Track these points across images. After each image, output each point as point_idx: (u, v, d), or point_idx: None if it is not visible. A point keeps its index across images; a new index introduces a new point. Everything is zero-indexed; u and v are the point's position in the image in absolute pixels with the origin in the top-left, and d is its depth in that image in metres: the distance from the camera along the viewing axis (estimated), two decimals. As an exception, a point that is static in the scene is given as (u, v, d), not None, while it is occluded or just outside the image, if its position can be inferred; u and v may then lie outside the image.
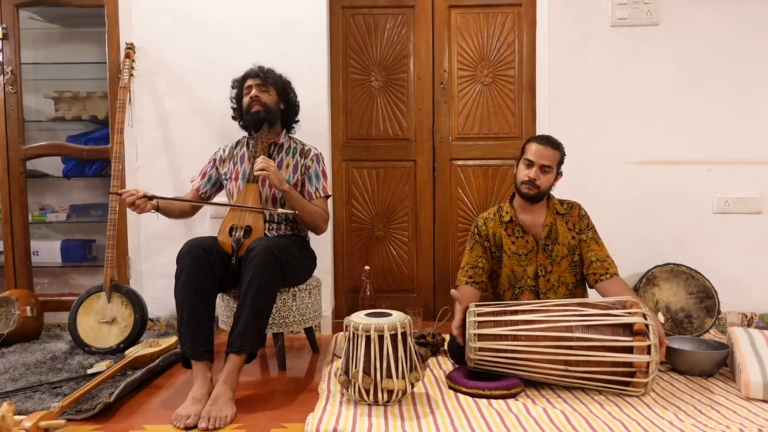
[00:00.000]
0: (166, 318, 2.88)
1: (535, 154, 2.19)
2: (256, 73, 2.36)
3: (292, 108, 2.46)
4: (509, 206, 2.32)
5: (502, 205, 2.35)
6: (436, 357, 2.37)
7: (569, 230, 2.26)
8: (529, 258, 2.26)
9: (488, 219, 2.33)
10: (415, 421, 1.70)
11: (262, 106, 2.32)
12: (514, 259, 2.27)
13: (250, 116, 2.33)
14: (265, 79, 2.35)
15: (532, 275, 2.26)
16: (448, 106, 3.00)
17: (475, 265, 2.31)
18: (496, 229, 2.30)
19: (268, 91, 2.35)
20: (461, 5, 2.97)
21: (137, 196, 2.11)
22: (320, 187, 2.38)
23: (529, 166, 2.20)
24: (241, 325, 1.93)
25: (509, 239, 2.28)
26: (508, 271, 2.29)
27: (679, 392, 1.94)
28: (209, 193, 2.46)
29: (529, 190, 2.20)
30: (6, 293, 2.66)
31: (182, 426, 1.71)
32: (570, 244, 2.25)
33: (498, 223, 2.31)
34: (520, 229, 2.27)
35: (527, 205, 2.27)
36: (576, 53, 2.80)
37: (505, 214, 2.30)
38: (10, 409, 1.56)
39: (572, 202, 2.31)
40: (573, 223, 2.27)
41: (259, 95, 2.33)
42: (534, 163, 2.19)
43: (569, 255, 2.26)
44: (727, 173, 2.79)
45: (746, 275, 2.80)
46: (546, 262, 2.25)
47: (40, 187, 3.12)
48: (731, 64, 2.77)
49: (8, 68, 2.83)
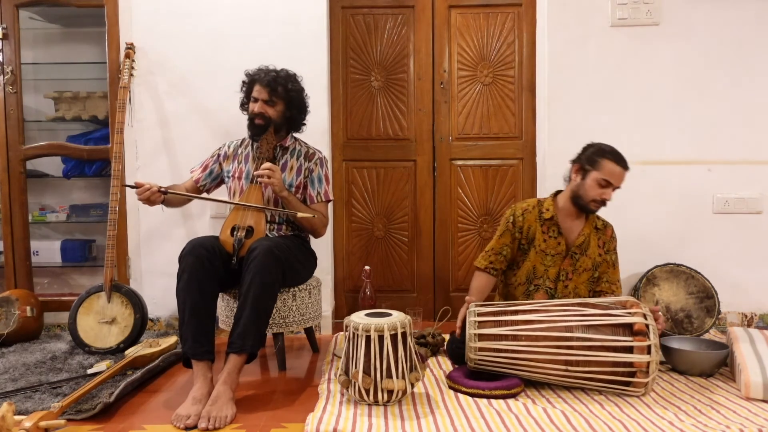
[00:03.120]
0: (166, 318, 2.88)
1: (617, 178, 2.14)
2: (266, 82, 2.28)
3: (300, 114, 2.41)
4: (551, 203, 2.27)
5: (542, 200, 2.31)
6: (436, 357, 2.37)
7: (599, 247, 2.27)
8: (555, 260, 2.24)
9: (527, 211, 2.28)
10: (415, 421, 1.70)
11: (265, 120, 2.29)
12: (541, 256, 2.25)
13: (253, 127, 2.32)
14: (274, 93, 2.28)
15: (553, 277, 2.25)
16: (448, 106, 3.00)
17: (500, 252, 2.28)
18: (533, 223, 2.26)
19: (274, 105, 2.30)
20: (461, 5, 2.97)
21: (152, 191, 2.13)
22: (322, 191, 2.38)
23: (605, 186, 2.14)
24: (241, 325, 1.93)
25: (542, 236, 2.25)
26: (530, 266, 2.27)
27: (679, 392, 1.94)
28: (208, 186, 2.46)
29: (597, 208, 2.19)
30: (6, 293, 2.66)
31: (182, 426, 1.71)
32: (595, 260, 2.26)
33: (536, 217, 2.26)
34: (556, 230, 2.24)
35: (575, 212, 2.24)
36: (576, 53, 2.80)
37: (546, 211, 2.26)
38: (10, 409, 1.56)
39: (607, 222, 2.32)
40: (604, 241, 2.28)
41: (263, 111, 2.28)
42: (612, 185, 2.15)
43: (591, 269, 2.27)
44: (727, 173, 2.79)
45: (746, 275, 2.80)
46: (569, 269, 2.25)
47: (40, 187, 3.12)
48: (731, 64, 2.77)
49: (8, 68, 2.83)
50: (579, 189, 2.19)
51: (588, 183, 2.16)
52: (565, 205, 2.26)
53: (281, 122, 2.34)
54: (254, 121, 2.30)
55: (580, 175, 2.20)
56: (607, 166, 2.14)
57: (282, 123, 2.34)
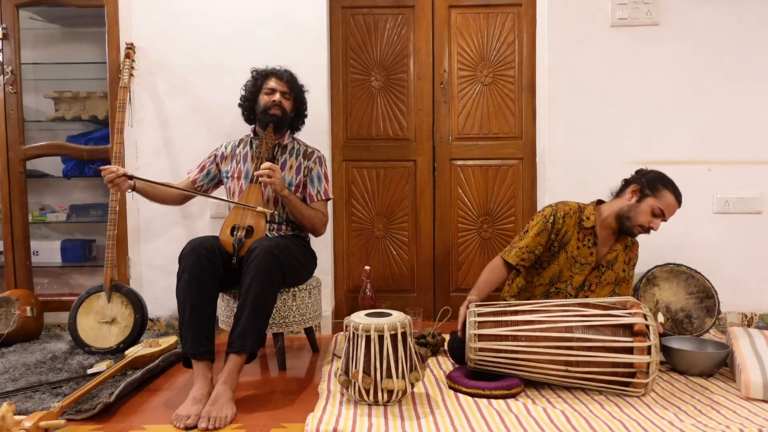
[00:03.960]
0: (166, 318, 2.88)
1: (671, 211, 2.14)
2: (285, 77, 2.37)
3: (302, 113, 2.49)
4: (593, 212, 2.22)
5: (583, 206, 2.25)
6: (436, 357, 2.37)
7: (624, 263, 2.27)
8: (583, 269, 2.23)
9: (568, 215, 2.21)
10: (415, 421, 1.70)
11: (281, 111, 2.33)
12: (570, 262, 2.22)
13: (266, 116, 2.33)
14: (292, 87, 2.38)
15: (577, 285, 2.25)
16: (448, 106, 3.00)
17: (533, 251, 2.21)
18: (570, 228, 2.21)
19: (290, 99, 2.38)
20: (461, 5, 2.97)
21: (117, 174, 2.12)
22: (321, 190, 2.38)
23: (657, 216, 2.13)
24: (241, 325, 1.93)
25: (577, 243, 2.21)
26: (557, 269, 2.24)
27: (679, 392, 1.94)
28: (206, 187, 2.46)
29: (639, 233, 2.18)
30: (6, 293, 2.66)
31: (182, 426, 1.71)
32: (618, 275, 2.27)
33: (576, 222, 2.21)
34: (592, 240, 2.21)
35: (614, 228, 2.22)
36: (576, 53, 2.80)
37: (587, 219, 2.21)
38: (10, 409, 1.56)
39: (636, 240, 2.31)
40: (629, 257, 2.29)
41: (282, 101, 2.34)
42: (663, 217, 2.13)
43: (613, 284, 2.28)
44: (727, 173, 2.79)
45: (746, 275, 2.80)
46: (594, 281, 2.25)
47: (40, 187, 3.12)
48: (731, 64, 2.77)
49: (8, 68, 2.83)
50: (630, 211, 2.15)
51: (642, 207, 2.13)
52: (607, 218, 2.22)
53: (289, 118, 2.39)
54: (270, 111, 2.32)
55: (636, 197, 2.16)
56: (666, 197, 2.13)
57: (289, 119, 2.40)
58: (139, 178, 2.22)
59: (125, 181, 2.16)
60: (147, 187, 2.28)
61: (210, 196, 2.43)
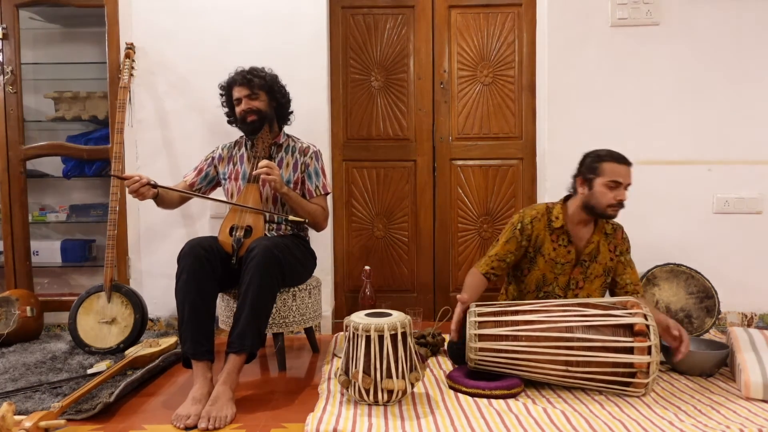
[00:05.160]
0: (166, 318, 2.88)
1: (624, 176, 2.10)
2: (240, 81, 2.30)
3: (285, 101, 2.41)
4: (561, 211, 2.21)
5: (551, 207, 2.23)
6: (436, 357, 2.37)
7: (610, 251, 2.23)
8: (565, 269, 2.21)
9: (536, 219, 2.21)
10: (415, 421, 1.70)
11: (256, 114, 2.30)
12: (550, 265, 2.21)
13: (247, 126, 2.31)
14: (252, 85, 2.29)
15: (563, 286, 2.23)
16: (448, 106, 3.00)
17: (503, 259, 2.21)
18: (541, 232, 2.20)
19: (258, 97, 2.31)
20: (461, 5, 2.97)
21: (141, 183, 2.10)
22: (320, 185, 2.38)
23: (615, 188, 2.09)
24: (241, 325, 1.93)
25: (551, 245, 2.20)
26: (539, 274, 2.22)
27: (679, 392, 1.94)
28: (204, 190, 2.46)
29: (615, 211, 2.13)
30: (6, 293, 2.66)
31: (182, 426, 1.71)
32: (607, 265, 2.22)
33: (545, 225, 2.20)
34: (566, 239, 2.19)
35: (586, 218, 2.19)
36: (576, 53, 2.80)
37: (555, 220, 2.19)
38: (10, 409, 1.56)
39: (617, 224, 2.26)
40: (615, 245, 2.24)
41: (251, 106, 2.29)
42: (622, 185, 2.10)
43: (603, 275, 2.24)
44: (727, 173, 2.79)
45: (746, 275, 2.80)
46: (579, 277, 2.22)
47: (40, 187, 3.12)
48: (731, 64, 2.77)
49: (8, 68, 2.83)
50: (591, 199, 2.13)
51: (597, 191, 2.11)
52: (575, 212, 2.20)
53: (271, 113, 2.34)
54: (247, 120, 2.30)
55: (586, 186, 2.15)
56: (609, 168, 2.10)
57: (272, 114, 2.35)
58: (162, 186, 2.19)
59: (149, 189, 2.12)
60: (165, 196, 2.27)
61: (210, 198, 2.43)
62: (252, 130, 2.31)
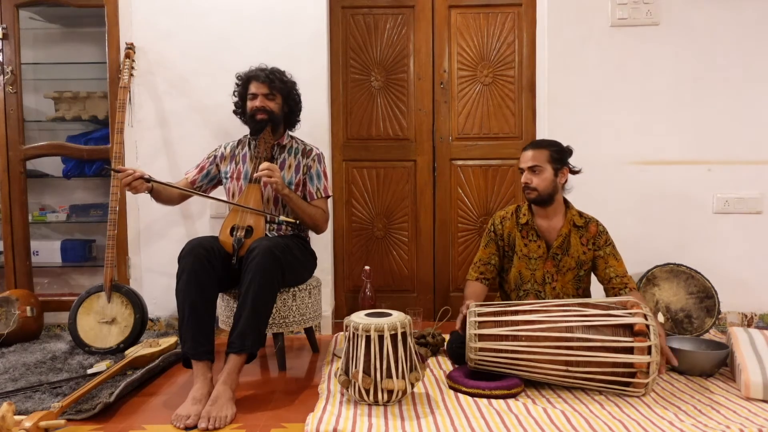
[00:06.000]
0: (166, 318, 2.88)
1: (522, 160, 2.25)
2: (262, 78, 2.29)
3: (296, 108, 2.43)
4: (527, 209, 2.31)
5: (521, 206, 2.35)
6: (436, 357, 2.36)
7: (582, 245, 2.26)
8: (538, 263, 2.26)
9: (505, 218, 2.34)
10: (415, 421, 1.70)
11: (267, 114, 2.29)
12: (524, 261, 2.28)
13: (255, 123, 2.31)
14: (272, 86, 2.29)
15: (540, 280, 2.27)
16: (448, 106, 3.00)
17: (488, 262, 2.34)
18: (512, 230, 2.31)
19: (274, 99, 2.31)
20: (461, 5, 2.97)
21: (135, 176, 2.09)
22: (321, 187, 2.38)
23: (521, 173, 2.25)
24: (241, 325, 1.93)
25: (522, 241, 2.28)
26: (516, 272, 2.30)
27: (679, 392, 1.94)
28: (205, 188, 2.46)
29: (529, 194, 2.23)
30: (6, 293, 2.66)
31: (182, 426, 1.71)
32: (579, 259, 2.25)
33: (514, 223, 2.31)
34: (534, 233, 2.27)
35: (542, 209, 2.27)
36: (576, 53, 2.80)
37: (522, 216, 2.30)
38: (10, 409, 1.56)
39: (590, 218, 2.30)
40: (587, 238, 2.26)
41: (264, 105, 2.29)
42: (524, 169, 2.23)
43: (576, 268, 2.26)
44: (727, 173, 2.79)
45: (746, 275, 2.80)
46: (553, 270, 2.26)
47: (40, 187, 3.12)
48: (731, 64, 2.77)
49: (8, 68, 2.83)
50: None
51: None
52: (534, 206, 2.29)
53: (280, 116, 2.34)
54: (256, 117, 2.29)
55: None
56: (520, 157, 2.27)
57: (281, 117, 2.35)
58: (156, 180, 2.19)
59: (142, 183, 2.12)
60: (160, 189, 2.27)
61: (210, 197, 2.43)
62: (257, 129, 2.31)
